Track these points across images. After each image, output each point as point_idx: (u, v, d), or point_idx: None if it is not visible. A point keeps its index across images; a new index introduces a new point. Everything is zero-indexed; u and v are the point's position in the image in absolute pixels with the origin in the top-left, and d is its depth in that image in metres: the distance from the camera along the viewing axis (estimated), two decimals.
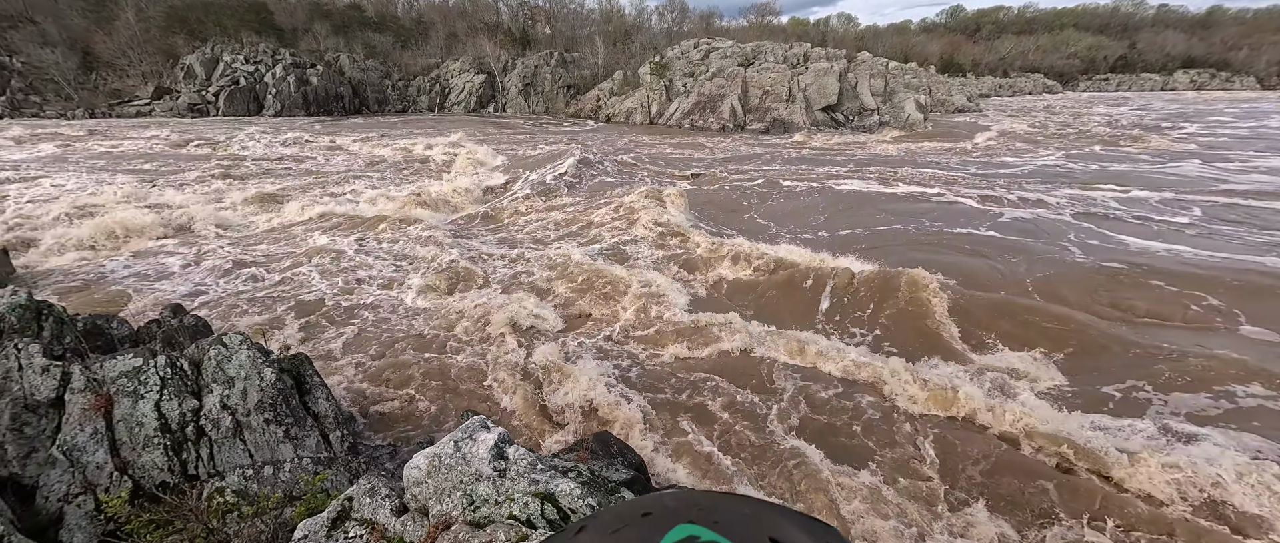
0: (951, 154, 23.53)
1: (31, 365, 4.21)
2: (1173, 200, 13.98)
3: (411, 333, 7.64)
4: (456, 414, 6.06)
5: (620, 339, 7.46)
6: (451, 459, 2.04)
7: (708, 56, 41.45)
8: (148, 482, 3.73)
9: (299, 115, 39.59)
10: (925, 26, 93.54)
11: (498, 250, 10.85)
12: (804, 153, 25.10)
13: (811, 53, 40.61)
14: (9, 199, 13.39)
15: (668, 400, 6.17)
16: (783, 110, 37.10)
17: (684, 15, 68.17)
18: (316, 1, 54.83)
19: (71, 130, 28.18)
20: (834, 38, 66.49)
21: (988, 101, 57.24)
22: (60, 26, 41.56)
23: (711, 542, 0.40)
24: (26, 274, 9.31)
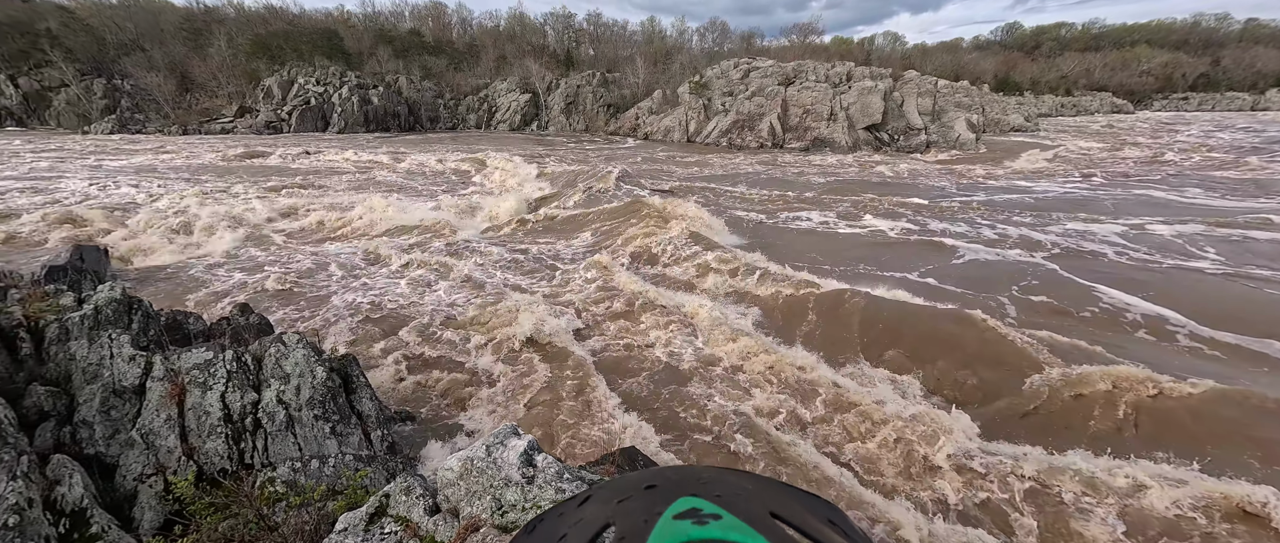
0: (990, 179, 22.19)
1: (121, 354, 4.67)
2: None
3: (450, 339, 7.92)
4: (489, 417, 6.22)
5: (650, 355, 7.45)
6: (483, 463, 2.11)
7: (747, 75, 41.53)
8: (210, 468, 4.03)
9: (360, 132, 42.59)
10: (978, 44, 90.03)
11: (533, 261, 11.15)
12: (838, 174, 24.42)
13: (855, 71, 39.94)
14: (110, 201, 15.06)
15: (686, 418, 6.08)
16: (823, 129, 36.49)
17: (724, 36, 68.95)
18: (381, 28, 59.35)
19: (172, 144, 31.48)
20: (879, 57, 65.13)
21: (1048, 121, 54.03)
22: (164, 53, 46.92)
23: (713, 514, 0.40)
24: (122, 270, 10.38)
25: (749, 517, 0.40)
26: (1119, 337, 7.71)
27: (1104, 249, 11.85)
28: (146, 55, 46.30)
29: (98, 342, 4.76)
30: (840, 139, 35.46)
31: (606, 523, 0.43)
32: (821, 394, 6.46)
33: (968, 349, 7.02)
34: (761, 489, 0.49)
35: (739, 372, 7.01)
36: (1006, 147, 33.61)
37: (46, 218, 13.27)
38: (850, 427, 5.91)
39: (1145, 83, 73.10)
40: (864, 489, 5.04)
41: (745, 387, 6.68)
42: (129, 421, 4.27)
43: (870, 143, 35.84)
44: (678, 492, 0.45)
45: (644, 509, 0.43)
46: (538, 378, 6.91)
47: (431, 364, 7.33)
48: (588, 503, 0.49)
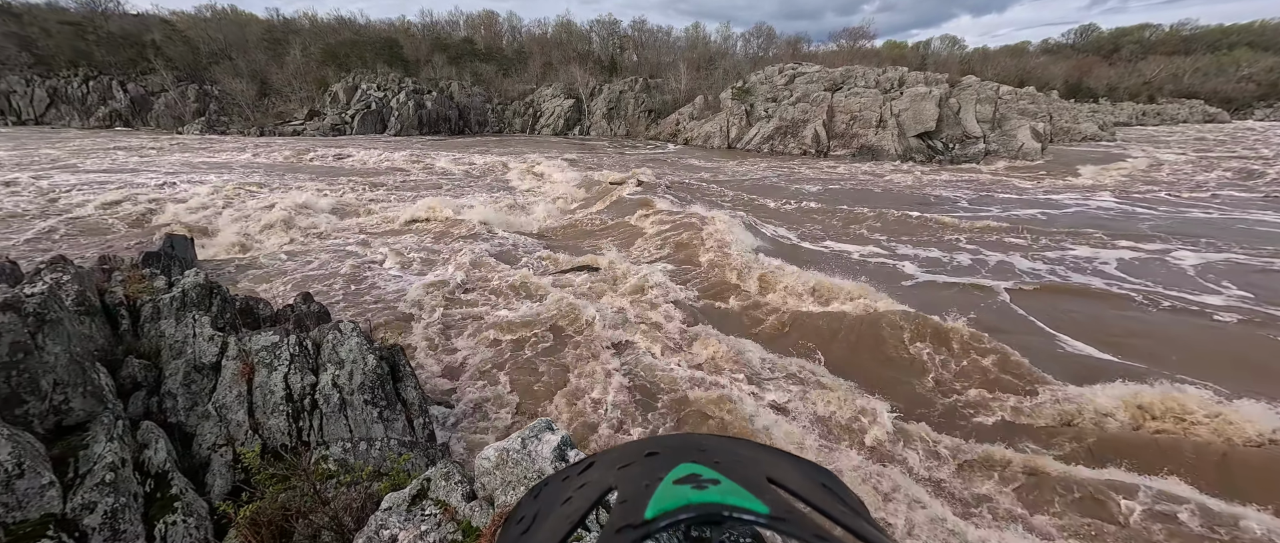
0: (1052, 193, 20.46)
1: (202, 334, 5.15)
2: None
3: (486, 334, 8.21)
4: (521, 413, 6.39)
5: (676, 359, 7.42)
6: (518, 455, 2.19)
7: (792, 81, 40.69)
8: (272, 442, 4.37)
9: (414, 134, 44.98)
10: (1047, 48, 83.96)
11: (567, 261, 11.38)
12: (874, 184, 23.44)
13: (908, 77, 38.30)
14: (195, 194, 16.64)
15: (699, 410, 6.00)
16: (871, 136, 35.18)
17: (770, 41, 67.85)
18: (437, 36, 62.55)
19: (250, 143, 34.46)
20: (935, 62, 62.09)
21: (1127, 131, 49.65)
22: (247, 62, 51.48)
23: (712, 479, 0.41)
24: (205, 259, 11.45)
25: (747, 482, 0.41)
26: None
27: (1094, 280, 10.33)
28: (233, 64, 50.95)
29: (183, 321, 5.27)
30: (889, 147, 34.06)
31: (609, 488, 0.44)
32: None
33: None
34: (758, 456, 0.50)
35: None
36: (1074, 157, 31.16)
37: (142, 207, 14.86)
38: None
39: (1245, 89, 65.77)
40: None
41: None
42: (206, 394, 4.70)
43: (922, 151, 34.19)
44: (678, 458, 0.46)
45: (645, 475, 0.44)
46: (575, 370, 7.04)
47: (470, 355, 7.62)
48: (591, 469, 0.51)
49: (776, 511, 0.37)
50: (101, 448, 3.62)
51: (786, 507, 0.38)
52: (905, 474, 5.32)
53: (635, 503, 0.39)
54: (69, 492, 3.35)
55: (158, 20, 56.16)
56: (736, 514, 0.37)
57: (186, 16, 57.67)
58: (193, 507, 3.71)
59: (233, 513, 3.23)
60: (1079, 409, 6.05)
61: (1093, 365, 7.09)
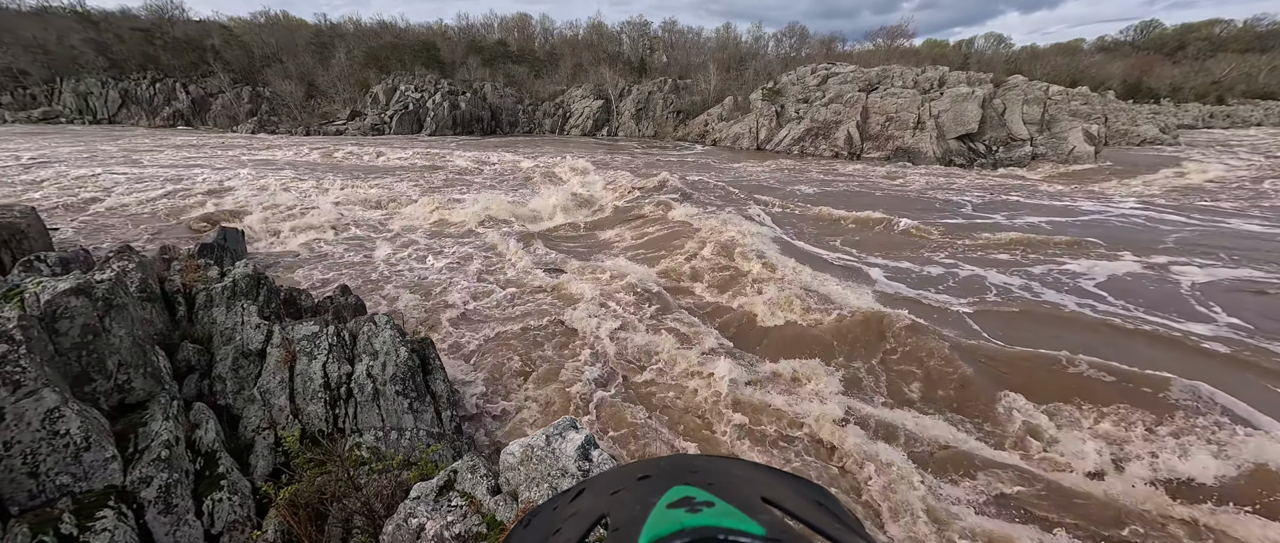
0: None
1: (249, 322, 5.44)
2: None
3: (513, 331, 8.36)
4: (545, 411, 6.47)
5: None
6: (542, 452, 2.21)
7: (825, 82, 39.79)
8: (311, 428, 4.56)
9: (448, 134, 46.31)
10: (1103, 46, 78.92)
11: (592, 261, 11.46)
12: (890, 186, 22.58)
13: (949, 76, 36.82)
14: (245, 192, 17.63)
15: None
16: (908, 138, 33.99)
17: (803, 41, 66.54)
18: (473, 39, 64.25)
19: (297, 142, 36.30)
20: (979, 61, 59.39)
21: (1192, 134, 46.21)
22: (296, 65, 54.23)
23: (706, 501, 0.40)
24: (253, 250, 12.11)
25: (741, 503, 0.40)
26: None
27: (1070, 300, 9.34)
28: (283, 66, 53.76)
29: (233, 310, 5.59)
30: (927, 149, 32.83)
31: (601, 515, 0.43)
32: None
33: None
34: (753, 475, 0.49)
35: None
36: (1130, 162, 29.24)
37: (197, 199, 15.87)
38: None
39: None
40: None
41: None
42: (252, 380, 4.96)
43: (962, 154, 32.80)
44: (671, 481, 0.45)
45: (638, 500, 0.43)
46: (598, 371, 7.08)
47: (496, 351, 7.77)
48: (582, 496, 0.50)
49: (773, 531, 0.36)
50: (158, 426, 3.87)
51: (783, 527, 0.37)
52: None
53: (628, 530, 0.38)
54: (129, 466, 3.60)
55: (217, 26, 59.88)
56: (732, 537, 0.36)
57: (243, 22, 61.25)
58: (237, 486, 3.92)
59: (273, 494, 3.39)
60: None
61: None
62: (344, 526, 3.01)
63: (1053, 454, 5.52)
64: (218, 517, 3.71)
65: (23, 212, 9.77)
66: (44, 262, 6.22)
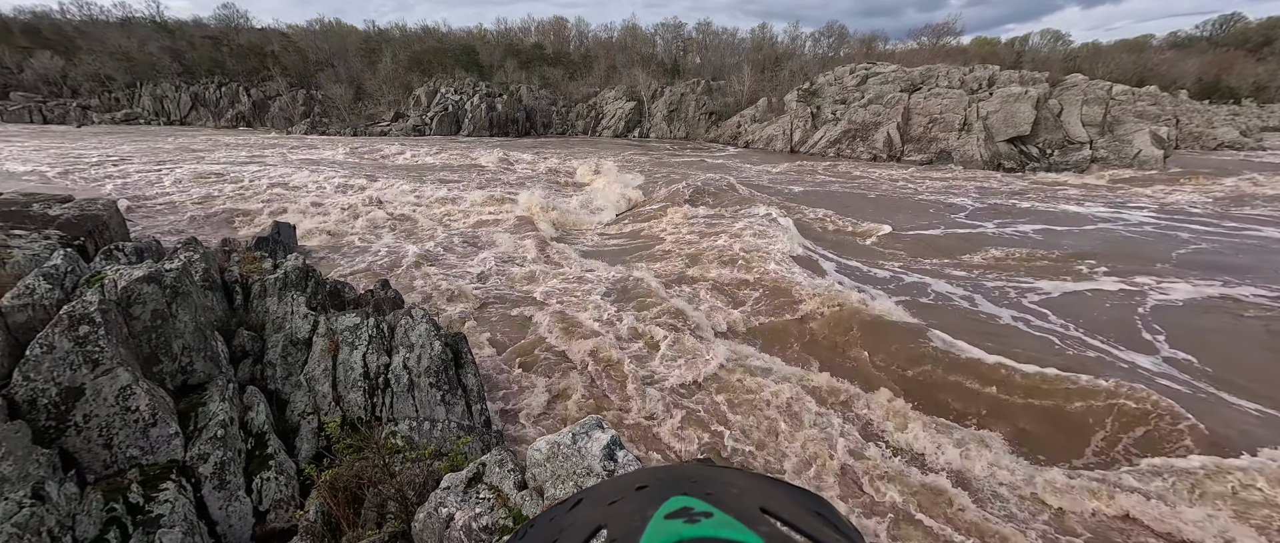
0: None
1: (298, 312, 5.76)
2: None
3: (542, 330, 8.49)
4: (570, 410, 6.54)
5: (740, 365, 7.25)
6: (568, 450, 2.23)
7: (865, 82, 38.55)
8: (351, 415, 4.78)
9: (485, 135, 47.67)
10: (1175, 42, 72.75)
11: (616, 264, 11.51)
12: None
13: (999, 76, 34.98)
14: (307, 189, 18.69)
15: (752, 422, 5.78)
16: (952, 141, 32.49)
17: (842, 40, 64.74)
18: (510, 42, 65.95)
19: (345, 142, 38.28)
20: (1033, 59, 56.03)
21: (1277, 137, 42.03)
22: (346, 69, 57.19)
23: (704, 512, 0.40)
24: (304, 244, 12.82)
25: (740, 513, 0.40)
26: None
27: (1007, 313, 8.64)
28: (335, 71, 56.81)
29: (284, 300, 5.92)
30: (974, 152, 31.28)
31: (598, 526, 0.43)
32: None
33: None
34: (751, 485, 0.49)
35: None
36: (1203, 167, 26.86)
37: (256, 194, 16.96)
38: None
39: None
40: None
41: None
42: (299, 366, 5.25)
43: (1012, 158, 31.08)
44: (669, 491, 0.45)
45: (636, 511, 0.43)
46: (626, 372, 7.11)
47: (525, 348, 7.92)
48: (579, 506, 0.49)
49: (771, 542, 0.36)
50: (216, 407, 4.15)
51: (782, 538, 0.37)
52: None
53: (626, 541, 0.38)
54: (189, 442, 3.87)
55: (277, 33, 63.89)
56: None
57: (299, 29, 65.11)
58: (284, 467, 4.15)
59: (315, 476, 3.57)
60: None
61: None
62: (378, 510, 3.14)
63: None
64: (265, 495, 3.94)
65: (105, 205, 10.71)
66: (122, 251, 6.79)
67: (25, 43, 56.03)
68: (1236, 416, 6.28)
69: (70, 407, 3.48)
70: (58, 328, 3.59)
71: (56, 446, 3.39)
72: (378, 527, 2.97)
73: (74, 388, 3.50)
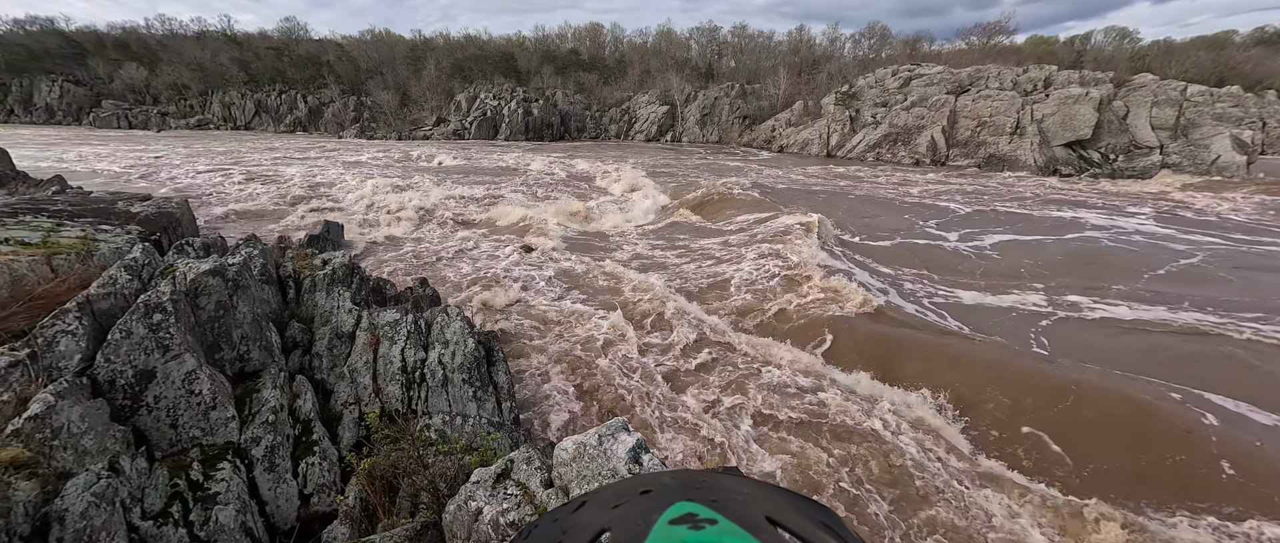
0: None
1: (343, 307, 6.07)
2: None
3: (572, 330, 8.60)
4: (599, 413, 6.59)
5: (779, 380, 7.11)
6: (594, 451, 2.25)
7: (908, 84, 37.16)
8: (389, 406, 4.99)
9: (521, 139, 48.93)
10: (1263, 38, 66.16)
11: (641, 269, 11.51)
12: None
13: (1056, 76, 32.94)
14: (351, 190, 19.73)
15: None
16: (1003, 145, 30.82)
17: (884, 41, 62.60)
18: (548, 49, 67.50)
19: (391, 146, 40.18)
20: (1096, 58, 52.35)
21: None
22: (393, 76, 60.08)
23: (709, 519, 0.39)
24: (351, 242, 13.53)
25: (745, 521, 0.39)
26: None
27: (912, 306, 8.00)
28: (383, 78, 59.79)
29: (331, 295, 6.26)
30: (1027, 157, 29.57)
31: (602, 529, 0.43)
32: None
33: None
34: (757, 494, 0.48)
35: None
36: None
37: (308, 195, 18.04)
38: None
39: None
40: None
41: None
42: (343, 358, 5.52)
43: (1071, 163, 29.18)
44: (673, 497, 0.45)
45: (640, 515, 0.43)
46: (650, 377, 7.10)
47: (555, 350, 8.04)
48: (583, 509, 0.49)
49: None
50: (268, 394, 4.43)
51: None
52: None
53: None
54: (243, 426, 4.14)
55: (332, 43, 67.90)
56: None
57: (352, 40, 68.93)
58: (327, 453, 4.38)
59: (355, 463, 3.75)
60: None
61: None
62: (412, 500, 3.26)
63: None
64: (310, 479, 4.17)
65: (178, 203, 11.64)
66: (191, 246, 7.36)
67: (116, 56, 61.84)
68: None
69: (143, 388, 3.79)
70: (135, 315, 3.93)
71: (130, 423, 3.70)
72: (411, 516, 3.08)
73: (147, 371, 3.82)
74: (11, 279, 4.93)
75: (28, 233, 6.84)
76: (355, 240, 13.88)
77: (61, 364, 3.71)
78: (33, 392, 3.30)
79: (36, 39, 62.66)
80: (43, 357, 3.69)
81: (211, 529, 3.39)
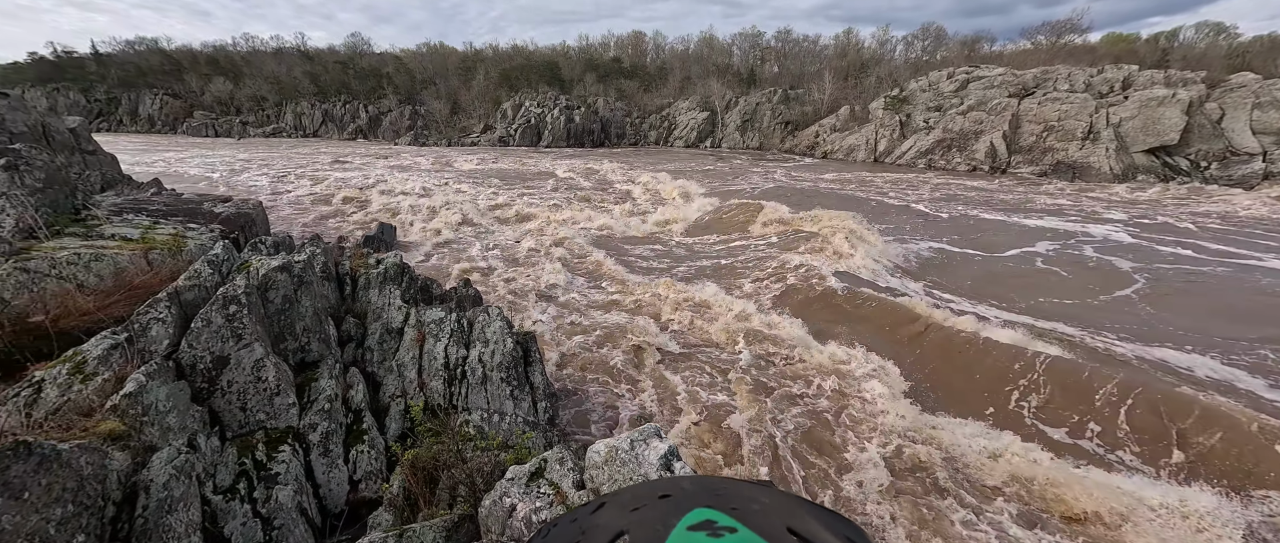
0: None
1: (393, 304, 6.41)
2: None
3: (607, 334, 8.68)
4: (630, 419, 6.60)
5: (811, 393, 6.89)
6: (626, 455, 2.26)
7: (965, 87, 35.24)
8: (432, 401, 5.21)
9: (562, 146, 50.20)
10: None
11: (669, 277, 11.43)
12: None
13: (1137, 76, 30.26)
14: (405, 194, 20.89)
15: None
16: (1074, 151, 28.58)
17: (939, 42, 59.67)
18: (590, 58, 69.02)
19: (439, 153, 42.28)
20: (1185, 56, 47.56)
21: None
22: (445, 86, 63.26)
23: (728, 527, 0.39)
24: (401, 242, 14.30)
25: (765, 531, 0.39)
26: None
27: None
28: (436, 88, 63.08)
29: (383, 292, 6.63)
30: (1101, 164, 27.28)
31: (620, 531, 0.43)
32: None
33: None
34: (779, 504, 0.47)
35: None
36: None
37: (365, 198, 19.25)
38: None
39: None
40: None
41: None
42: (392, 353, 5.83)
43: (1155, 171, 26.67)
44: (693, 503, 0.44)
45: (658, 519, 0.42)
46: (684, 382, 7.05)
47: (588, 352, 8.14)
48: (601, 510, 0.49)
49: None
50: (325, 383, 4.73)
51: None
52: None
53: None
54: (303, 412, 4.45)
55: (392, 56, 72.44)
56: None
57: (409, 52, 73.28)
58: (375, 442, 4.63)
59: (400, 454, 3.94)
60: None
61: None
62: (451, 492, 3.38)
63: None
64: (359, 465, 4.41)
65: (253, 204, 12.71)
66: (263, 244, 8.02)
67: (207, 71, 68.65)
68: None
69: (219, 373, 4.16)
70: (215, 306, 4.32)
71: (206, 405, 4.07)
72: (449, 507, 3.20)
73: (223, 357, 4.18)
74: (116, 270, 5.56)
75: (130, 230, 7.67)
76: (406, 241, 14.66)
77: (153, 348, 4.13)
78: (129, 372, 3.69)
79: (143, 57, 70.62)
80: (138, 340, 4.12)
81: (271, 507, 3.65)
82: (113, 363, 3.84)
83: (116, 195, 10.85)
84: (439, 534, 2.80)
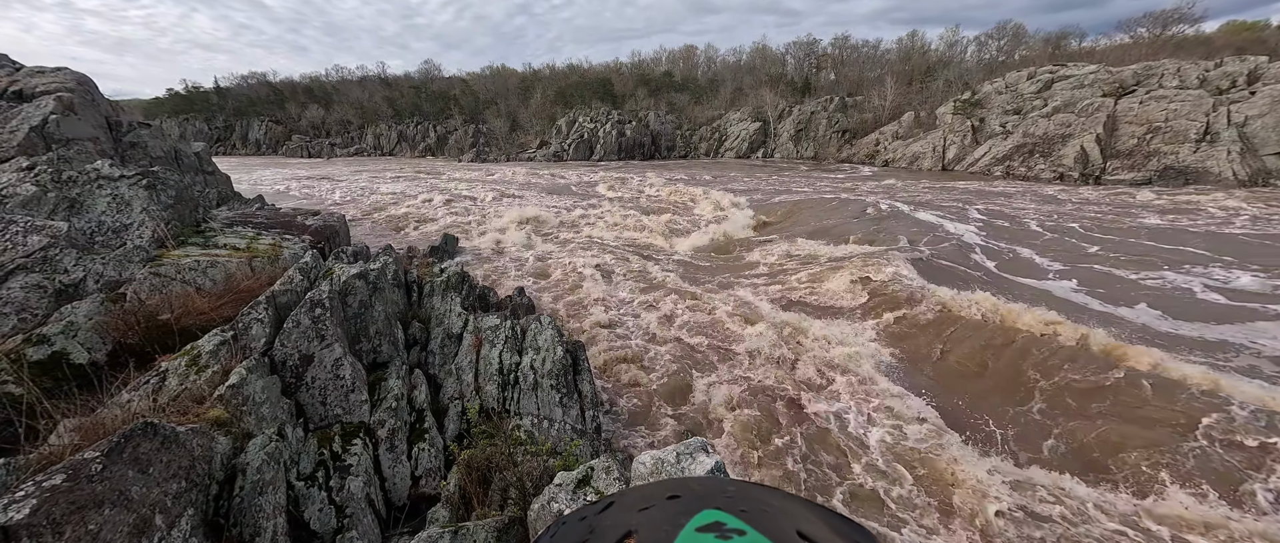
0: None
1: (454, 310, 6.79)
2: None
3: (652, 347, 8.67)
4: (676, 431, 6.53)
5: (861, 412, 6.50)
6: (672, 468, 2.25)
7: (1048, 87, 32.28)
8: (487, 404, 5.45)
9: (613, 159, 51.34)
10: None
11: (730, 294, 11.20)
12: None
13: (1265, 69, 26.36)
14: (463, 206, 22.22)
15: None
16: (1186, 154, 25.27)
17: (1017, 40, 55.14)
18: (642, 73, 70.46)
19: (500, 168, 44.65)
20: None
21: None
22: (505, 105, 66.99)
23: (737, 529, 0.38)
24: (464, 250, 15.17)
25: (775, 534, 0.38)
26: None
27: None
28: (497, 108, 66.93)
29: (445, 299, 7.06)
30: (1221, 168, 23.92)
31: (628, 531, 0.43)
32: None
33: None
34: (789, 507, 0.46)
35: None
36: None
37: (432, 213, 20.67)
38: None
39: None
40: None
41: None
42: (452, 357, 6.17)
43: None
44: (702, 504, 0.44)
45: (667, 520, 0.42)
46: (732, 396, 6.89)
47: (638, 364, 8.17)
48: (609, 510, 0.49)
49: None
50: (393, 383, 5.09)
51: None
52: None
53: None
54: (373, 409, 4.81)
55: (458, 79, 77.97)
56: None
57: (475, 75, 78.56)
58: (435, 441, 4.90)
59: (456, 454, 4.15)
60: None
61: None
62: (502, 493, 3.51)
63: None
64: (420, 462, 4.69)
65: (337, 218, 14.02)
66: (344, 253, 8.83)
67: (303, 99, 77.17)
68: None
69: (305, 369, 4.60)
70: (303, 309, 4.81)
71: (293, 398, 4.50)
72: (500, 509, 3.32)
73: (308, 355, 4.63)
74: (226, 275, 6.33)
75: (238, 240, 8.73)
76: (469, 250, 15.53)
77: (253, 345, 4.65)
78: (233, 365, 4.18)
79: (254, 89, 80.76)
80: (241, 338, 4.66)
81: (344, 496, 3.96)
82: (221, 357, 4.36)
83: (228, 210, 12.39)
84: (491, 534, 2.92)
